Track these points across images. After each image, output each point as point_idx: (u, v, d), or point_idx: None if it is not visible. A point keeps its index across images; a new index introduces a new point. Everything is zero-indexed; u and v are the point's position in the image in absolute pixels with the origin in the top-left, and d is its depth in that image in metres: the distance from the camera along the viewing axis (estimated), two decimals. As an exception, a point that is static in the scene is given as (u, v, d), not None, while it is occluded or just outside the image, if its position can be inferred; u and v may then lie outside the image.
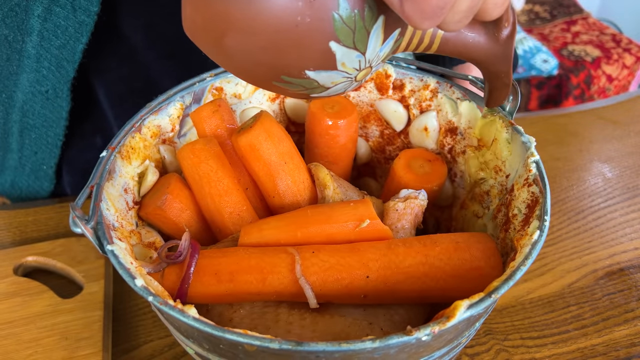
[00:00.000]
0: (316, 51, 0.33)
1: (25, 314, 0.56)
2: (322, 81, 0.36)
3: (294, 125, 0.60)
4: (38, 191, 0.80)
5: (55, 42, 0.65)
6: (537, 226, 0.40)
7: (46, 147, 0.76)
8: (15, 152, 0.77)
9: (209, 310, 0.44)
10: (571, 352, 0.55)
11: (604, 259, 0.66)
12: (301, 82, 0.36)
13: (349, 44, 0.34)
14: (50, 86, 0.69)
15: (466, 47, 0.40)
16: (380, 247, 0.43)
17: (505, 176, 0.49)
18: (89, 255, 0.62)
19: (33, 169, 0.78)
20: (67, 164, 0.80)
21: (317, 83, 0.36)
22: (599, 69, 1.83)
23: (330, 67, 0.35)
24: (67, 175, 0.81)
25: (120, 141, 0.47)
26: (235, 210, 0.47)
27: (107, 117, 0.78)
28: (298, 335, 0.41)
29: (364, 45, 0.34)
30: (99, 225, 0.40)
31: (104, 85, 0.75)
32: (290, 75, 0.35)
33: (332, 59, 0.34)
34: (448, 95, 0.53)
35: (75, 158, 0.79)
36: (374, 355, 0.34)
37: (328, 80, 0.36)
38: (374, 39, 0.35)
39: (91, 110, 0.77)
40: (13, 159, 0.79)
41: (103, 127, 0.79)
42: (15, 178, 0.80)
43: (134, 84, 0.75)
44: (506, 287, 0.36)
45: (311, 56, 0.33)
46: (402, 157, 0.53)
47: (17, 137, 0.75)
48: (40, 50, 0.66)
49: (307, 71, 0.34)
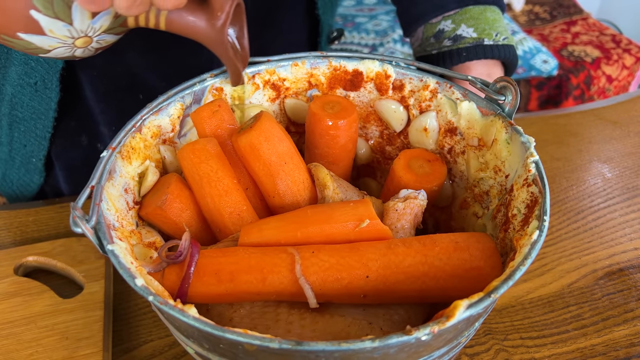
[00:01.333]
0: (20, 17, 0.39)
1: (25, 314, 0.56)
2: (39, 44, 0.42)
3: (294, 126, 0.60)
4: (28, 184, 0.81)
5: None
6: (536, 226, 0.40)
7: (35, 140, 0.76)
8: (5, 144, 0.78)
9: (209, 310, 0.44)
10: (571, 352, 0.55)
11: (604, 259, 0.66)
12: (20, 43, 0.41)
13: (51, 14, 0.39)
14: (39, 78, 0.70)
15: (188, 29, 0.45)
16: (380, 247, 0.43)
17: (504, 176, 0.49)
18: (89, 255, 0.62)
19: (23, 161, 0.79)
20: (56, 159, 0.80)
21: (34, 45, 0.42)
22: (598, 69, 1.83)
23: (39, 32, 0.40)
24: (58, 169, 0.82)
25: (120, 141, 0.47)
26: (235, 210, 0.47)
27: (93, 114, 0.78)
28: (298, 334, 0.41)
29: (68, 17, 0.40)
30: (100, 225, 0.40)
31: (90, 81, 0.75)
32: (8, 35, 0.40)
33: (38, 26, 0.40)
34: (448, 95, 0.53)
35: (61, 155, 0.80)
36: (374, 355, 0.34)
37: (45, 44, 0.42)
38: (78, 12, 0.40)
39: (77, 107, 0.78)
40: (3, 152, 0.79)
41: (89, 126, 0.79)
42: (6, 171, 0.81)
43: (119, 81, 0.75)
44: (505, 287, 0.36)
45: (17, 21, 0.39)
46: (402, 158, 0.53)
47: (7, 130, 0.76)
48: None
49: (19, 34, 0.40)
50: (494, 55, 0.66)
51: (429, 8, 0.69)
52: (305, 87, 0.57)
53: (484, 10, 0.68)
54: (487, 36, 0.66)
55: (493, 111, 0.50)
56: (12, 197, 0.84)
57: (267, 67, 0.55)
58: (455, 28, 0.67)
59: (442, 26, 0.68)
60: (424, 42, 0.71)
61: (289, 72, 0.56)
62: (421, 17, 0.70)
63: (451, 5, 0.67)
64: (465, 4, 0.67)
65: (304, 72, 0.56)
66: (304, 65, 0.56)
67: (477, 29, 0.66)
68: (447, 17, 0.68)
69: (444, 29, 0.68)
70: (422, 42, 0.72)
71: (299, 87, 0.57)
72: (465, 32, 0.66)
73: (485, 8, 0.68)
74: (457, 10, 0.67)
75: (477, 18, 0.67)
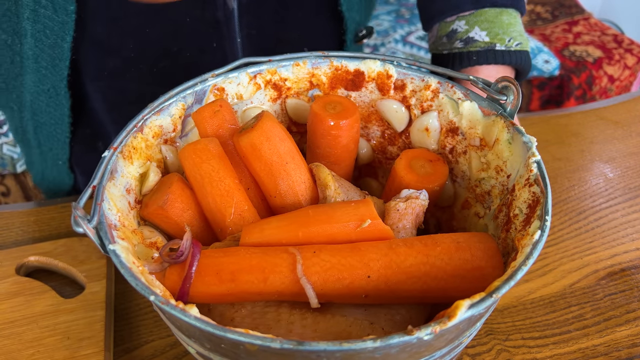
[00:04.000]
0: None
1: (27, 314, 0.56)
2: None
3: (295, 126, 0.60)
4: (62, 183, 0.85)
5: (46, 42, 0.68)
6: (538, 226, 0.40)
7: (57, 144, 0.79)
8: (36, 147, 0.81)
9: (211, 310, 0.44)
10: (572, 352, 0.55)
11: (606, 259, 0.66)
12: None
13: None
14: (50, 85, 0.72)
15: None
16: (382, 247, 0.43)
17: (506, 176, 0.49)
18: (90, 255, 0.62)
19: (53, 163, 0.82)
20: (76, 165, 0.83)
21: None
22: (600, 69, 1.83)
23: None
24: (78, 174, 0.85)
25: (122, 141, 0.47)
26: (236, 210, 0.47)
27: (105, 123, 0.80)
28: (299, 334, 0.41)
29: None
30: (101, 225, 0.40)
31: (99, 92, 0.78)
32: None
33: None
34: (449, 95, 0.53)
35: (80, 160, 0.83)
36: (375, 355, 0.34)
37: None
38: None
39: (90, 116, 0.80)
40: (36, 154, 0.83)
41: (102, 133, 0.81)
42: (44, 171, 0.84)
43: (126, 95, 0.77)
44: (507, 287, 0.36)
45: None
46: (404, 158, 0.53)
47: (33, 134, 0.79)
48: (36, 51, 0.69)
49: None
50: (504, 61, 0.65)
51: (445, 7, 0.68)
52: (306, 87, 0.57)
53: (500, 13, 0.66)
54: (499, 41, 0.65)
55: (495, 111, 0.50)
56: (50, 193, 0.88)
57: (269, 67, 0.55)
58: (468, 30, 0.66)
59: (456, 26, 0.68)
60: (437, 40, 0.71)
61: (290, 72, 0.56)
62: (437, 15, 0.70)
63: (467, 6, 0.67)
64: (482, 6, 0.66)
65: (306, 72, 0.56)
66: (306, 65, 0.56)
67: (490, 33, 0.65)
68: (461, 18, 0.67)
69: (456, 30, 0.67)
70: (436, 40, 0.71)
71: (301, 87, 0.57)
72: (477, 35, 0.66)
73: (502, 11, 0.66)
74: (472, 11, 0.66)
75: (491, 21, 0.66)
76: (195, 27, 0.72)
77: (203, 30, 0.73)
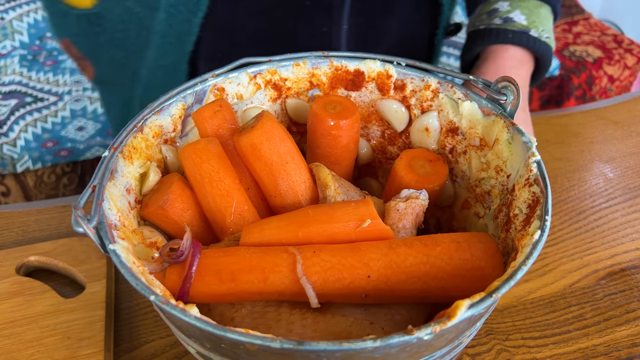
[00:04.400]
0: None
1: (27, 314, 0.56)
2: None
3: (295, 126, 0.60)
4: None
5: (178, 17, 0.69)
6: (538, 226, 0.40)
7: None
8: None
9: (211, 310, 0.44)
10: (572, 352, 0.55)
11: (605, 259, 0.66)
12: None
13: None
14: (170, 61, 0.73)
15: None
16: (382, 247, 0.43)
17: (506, 176, 0.49)
18: (91, 255, 0.62)
19: None
20: None
21: None
22: (600, 69, 1.83)
23: None
24: None
25: (122, 141, 0.47)
26: (236, 210, 0.47)
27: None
28: (299, 334, 0.41)
29: None
30: (101, 225, 0.40)
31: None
32: None
33: None
34: (449, 95, 0.53)
35: None
36: (375, 355, 0.34)
37: None
38: None
39: None
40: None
41: None
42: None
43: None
44: (507, 286, 0.36)
45: None
46: (404, 157, 0.53)
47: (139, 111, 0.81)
48: (164, 26, 0.70)
49: None
50: (534, 46, 0.70)
51: None
52: (306, 87, 0.57)
53: (540, 6, 0.73)
54: (534, 28, 0.70)
55: (495, 111, 0.50)
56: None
57: (269, 67, 0.55)
58: (509, 10, 0.72)
59: (498, 5, 0.74)
60: (477, 17, 0.76)
61: (290, 72, 0.56)
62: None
63: None
64: None
65: (306, 72, 0.56)
66: (305, 65, 0.56)
67: (529, 18, 0.71)
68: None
69: (498, 9, 0.74)
70: (475, 18, 0.77)
71: (301, 87, 0.57)
72: (517, 17, 0.71)
73: (542, 5, 0.73)
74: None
75: (531, 9, 0.72)
76: (314, 10, 0.74)
77: (318, 14, 0.75)
